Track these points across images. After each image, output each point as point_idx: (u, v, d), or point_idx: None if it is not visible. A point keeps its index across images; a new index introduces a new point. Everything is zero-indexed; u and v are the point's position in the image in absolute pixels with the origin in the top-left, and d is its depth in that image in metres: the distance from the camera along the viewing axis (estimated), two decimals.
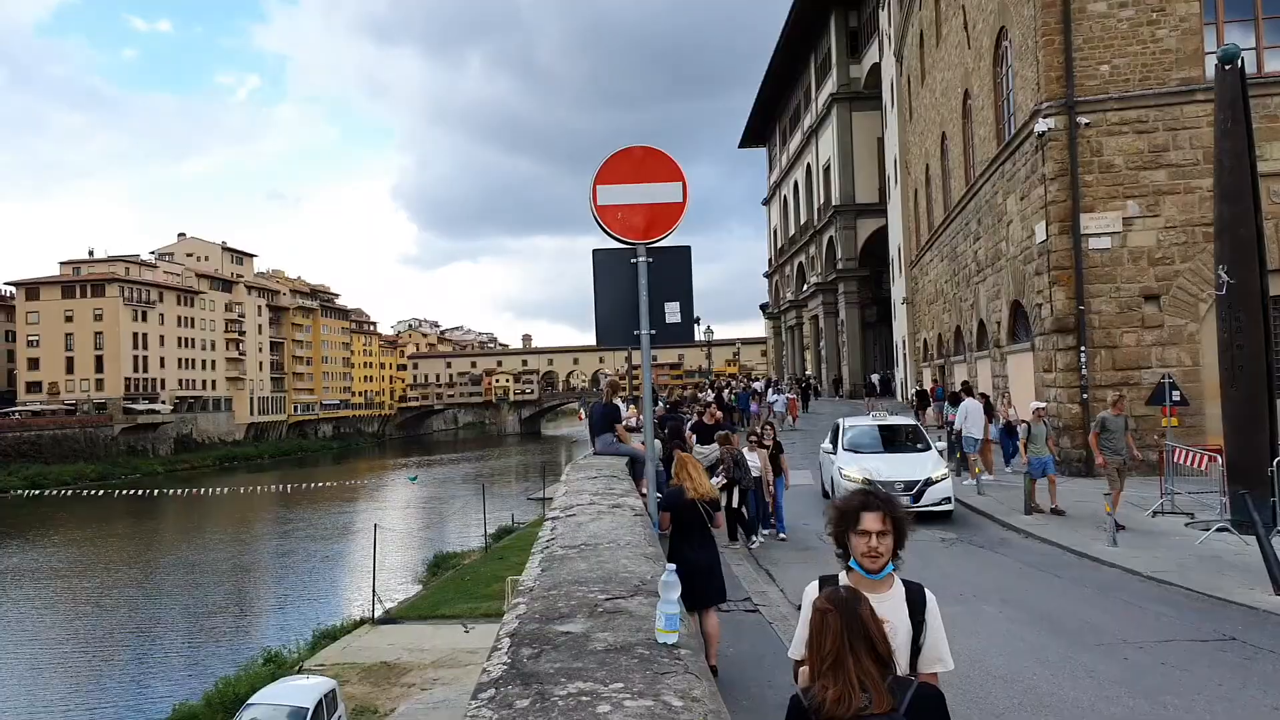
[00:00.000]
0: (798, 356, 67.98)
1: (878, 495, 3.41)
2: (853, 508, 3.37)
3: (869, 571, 3.32)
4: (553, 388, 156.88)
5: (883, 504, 3.35)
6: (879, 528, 3.29)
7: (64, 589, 39.79)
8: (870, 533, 3.29)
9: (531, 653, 2.84)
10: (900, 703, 2.62)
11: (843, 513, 3.40)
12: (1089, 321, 18.12)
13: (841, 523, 3.41)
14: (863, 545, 3.30)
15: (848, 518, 3.36)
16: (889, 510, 3.33)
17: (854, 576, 3.36)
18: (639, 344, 6.64)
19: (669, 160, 6.61)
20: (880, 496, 3.41)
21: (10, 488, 68.18)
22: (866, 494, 3.43)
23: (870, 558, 3.29)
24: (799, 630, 3.42)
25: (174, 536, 53.35)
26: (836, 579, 3.43)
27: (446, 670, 22.43)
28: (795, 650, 3.42)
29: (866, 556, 3.29)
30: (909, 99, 37.94)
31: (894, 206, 44.64)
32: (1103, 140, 18.20)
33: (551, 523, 5.51)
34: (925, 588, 3.36)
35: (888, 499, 3.41)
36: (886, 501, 3.38)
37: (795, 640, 3.44)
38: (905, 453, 15.70)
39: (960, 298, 28.57)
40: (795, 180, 64.66)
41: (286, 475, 76.03)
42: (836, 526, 3.45)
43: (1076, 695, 6.66)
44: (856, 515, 3.32)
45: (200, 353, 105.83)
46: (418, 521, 56.43)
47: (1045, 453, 14.38)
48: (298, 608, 35.28)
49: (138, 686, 26.57)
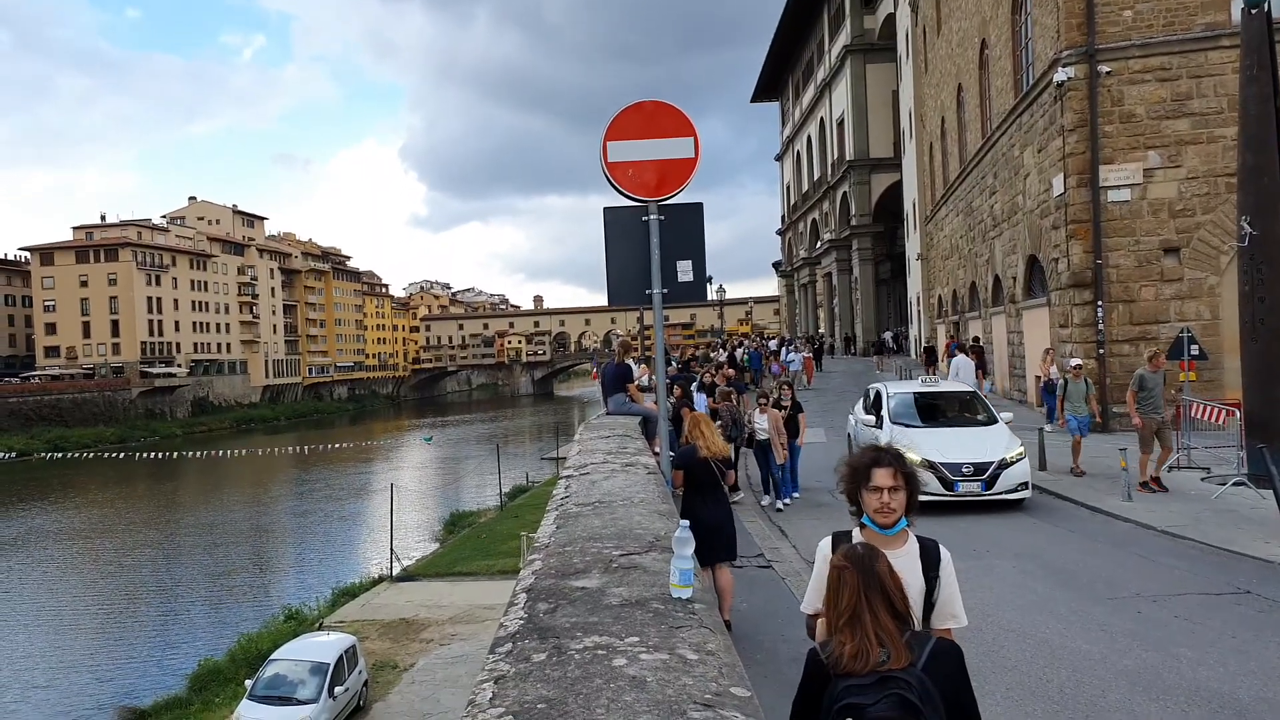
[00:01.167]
0: (811, 314, 67.72)
1: (889, 451, 3.41)
2: (864, 464, 3.38)
3: (882, 527, 3.32)
4: (565, 349, 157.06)
5: (894, 460, 3.36)
6: (891, 483, 3.29)
7: (87, 549, 40.42)
8: (882, 489, 3.30)
9: (548, 607, 2.85)
10: (918, 657, 2.62)
11: (854, 469, 3.40)
12: (1107, 275, 17.92)
13: (853, 479, 3.41)
14: (875, 501, 3.31)
15: (859, 474, 3.37)
16: (900, 466, 3.34)
17: (867, 533, 3.36)
18: (651, 303, 6.60)
19: (680, 115, 6.50)
20: (892, 452, 3.40)
21: (33, 450, 69.11)
22: (878, 449, 3.43)
23: (882, 513, 3.30)
24: (811, 585, 3.44)
25: (193, 498, 54.00)
26: (850, 535, 3.44)
27: (464, 626, 22.73)
28: (808, 604, 3.44)
29: (879, 512, 3.30)
30: (924, 50, 37.28)
31: (909, 161, 44.10)
32: (1124, 89, 17.86)
33: (566, 481, 5.53)
34: (939, 543, 3.35)
35: (899, 454, 3.41)
36: (898, 457, 3.38)
37: (808, 595, 3.46)
38: (966, 426, 13.24)
39: (976, 253, 28.30)
40: (809, 135, 63.90)
41: (303, 437, 76.72)
42: (848, 483, 3.46)
43: (1089, 648, 6.68)
44: (868, 471, 3.33)
45: (214, 316, 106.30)
46: (434, 481, 56.94)
47: (1084, 411, 13.79)
48: (317, 566, 35.75)
49: (163, 643, 27.06)
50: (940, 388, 14.99)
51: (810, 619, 3.43)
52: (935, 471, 11.58)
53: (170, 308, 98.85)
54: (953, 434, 12.83)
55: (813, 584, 3.45)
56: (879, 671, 2.57)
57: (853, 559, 2.76)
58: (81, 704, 22.38)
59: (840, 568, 2.76)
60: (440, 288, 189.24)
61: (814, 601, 3.42)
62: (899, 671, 2.57)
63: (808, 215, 65.12)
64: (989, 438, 12.48)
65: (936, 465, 11.70)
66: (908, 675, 2.56)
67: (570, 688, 2.22)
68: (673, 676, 2.27)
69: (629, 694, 2.17)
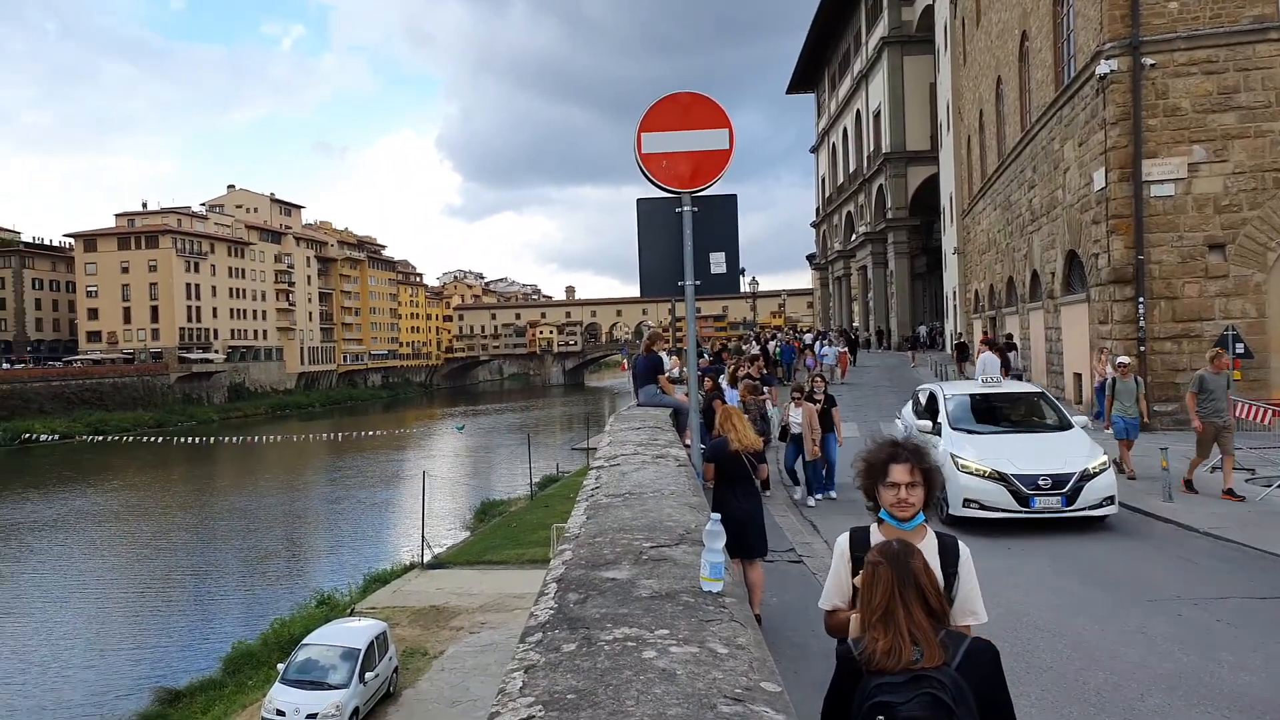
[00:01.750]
0: (845, 308, 67.26)
1: (906, 446, 3.36)
2: (880, 460, 3.35)
3: (899, 521, 3.30)
4: (596, 339, 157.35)
5: (911, 455, 3.32)
6: (908, 479, 3.27)
7: (125, 532, 41.18)
8: (899, 484, 3.27)
9: (578, 598, 2.84)
10: (952, 657, 2.58)
11: (870, 465, 3.38)
12: (1149, 271, 17.60)
13: (870, 475, 3.39)
14: (891, 497, 3.29)
15: (875, 470, 3.34)
16: (918, 461, 3.30)
17: (885, 528, 3.35)
18: (683, 295, 6.56)
19: (715, 106, 6.45)
20: (909, 447, 3.35)
21: (75, 433, 70.55)
22: (895, 444, 3.38)
23: (900, 508, 3.28)
24: (829, 580, 3.42)
25: (228, 482, 54.83)
26: (868, 531, 3.41)
27: (494, 614, 22.88)
28: (825, 600, 3.41)
29: (895, 507, 3.28)
30: (963, 42, 36.79)
31: (946, 154, 43.60)
32: (1169, 82, 17.50)
33: (596, 472, 5.51)
34: (959, 538, 3.32)
35: (916, 449, 3.36)
36: (915, 452, 3.34)
37: (825, 591, 3.43)
38: (1037, 432, 11.88)
39: (1013, 247, 27.92)
40: (844, 127, 63.37)
41: (337, 424, 77.58)
42: (865, 479, 3.43)
43: (1126, 650, 6.56)
44: (885, 467, 3.31)
45: (251, 303, 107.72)
46: (465, 470, 57.38)
47: (1134, 412, 13.14)
48: (349, 552, 36.16)
49: (197, 625, 27.52)
50: (1004, 388, 13.40)
51: (828, 615, 3.41)
52: (1007, 485, 10.34)
53: (208, 294, 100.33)
54: (1025, 441, 11.43)
55: (830, 580, 3.43)
56: (912, 670, 2.53)
57: (887, 554, 2.72)
58: (119, 683, 22.84)
59: (874, 563, 2.73)
60: (474, 277, 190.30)
61: (831, 597, 3.39)
62: (932, 671, 2.52)
63: (843, 208, 64.62)
64: (1067, 445, 11.18)
65: (1009, 478, 10.34)
66: (941, 675, 2.52)
67: (600, 679, 2.20)
68: (703, 670, 2.25)
69: (658, 686, 2.15)
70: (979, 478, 10.48)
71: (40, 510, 45.33)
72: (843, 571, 3.37)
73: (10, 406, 73.90)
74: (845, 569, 3.36)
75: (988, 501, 10.39)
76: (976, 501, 10.43)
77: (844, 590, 3.36)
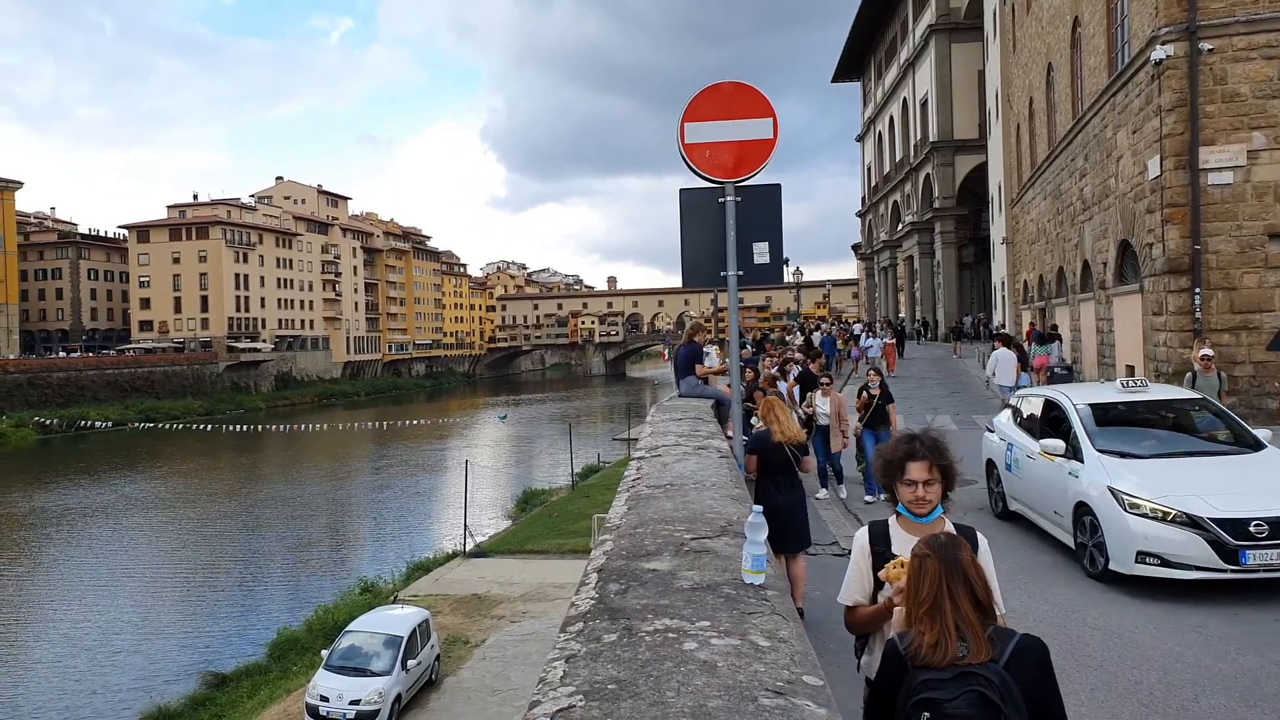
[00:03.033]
0: (891, 299, 66.54)
1: (924, 442, 3.32)
2: (898, 457, 3.33)
3: (917, 516, 3.28)
4: (637, 330, 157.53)
5: (929, 451, 3.29)
6: (925, 476, 3.25)
7: (173, 518, 42.08)
8: (916, 482, 3.26)
9: (619, 588, 2.83)
10: (1000, 653, 2.53)
11: (888, 463, 3.36)
12: (1205, 261, 17.13)
13: (887, 473, 3.38)
14: (909, 494, 3.28)
15: (893, 467, 3.33)
16: (936, 458, 3.27)
17: (903, 521, 3.35)
18: (726, 285, 6.52)
19: (759, 95, 6.40)
20: (926, 443, 3.31)
21: (127, 420, 72.30)
22: (912, 440, 3.34)
23: (917, 505, 3.28)
24: (848, 576, 3.40)
25: (275, 470, 55.80)
26: (885, 524, 3.40)
27: (535, 604, 23.04)
28: (845, 595, 3.39)
29: (913, 504, 3.28)
30: (1012, 28, 36.12)
31: (994, 142, 42.89)
32: (1227, 67, 17.00)
33: (637, 462, 5.50)
34: (977, 530, 3.29)
35: (934, 445, 3.32)
36: (932, 449, 3.30)
37: (845, 585, 3.42)
38: (1215, 455, 8.92)
39: (1064, 237, 27.41)
40: (890, 115, 62.60)
41: (382, 412, 78.58)
42: (883, 476, 3.41)
43: (1181, 650, 6.40)
44: (902, 465, 3.29)
45: (298, 293, 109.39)
46: (507, 459, 57.81)
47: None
48: (392, 540, 36.62)
49: (244, 611, 28.02)
50: (1151, 394, 10.11)
51: (848, 611, 3.38)
52: (1203, 533, 7.40)
53: (257, 285, 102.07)
54: (1210, 469, 8.47)
55: (849, 574, 3.41)
56: (958, 666, 2.49)
57: (935, 547, 2.68)
58: (167, 667, 23.35)
59: (922, 556, 2.69)
60: (516, 268, 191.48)
61: (852, 593, 3.36)
62: (979, 667, 2.48)
63: (889, 197, 63.89)
64: (1270, 474, 8.37)
65: (1204, 523, 7.41)
66: (988, 672, 2.47)
67: (641, 669, 2.19)
68: (744, 662, 2.24)
69: (699, 678, 2.13)
70: (1159, 522, 7.60)
71: (92, 496, 46.52)
72: (863, 566, 3.36)
73: (67, 394, 75.96)
74: (865, 563, 3.35)
75: (1176, 556, 7.47)
76: (1158, 556, 7.55)
77: (865, 585, 3.34)
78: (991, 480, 11.10)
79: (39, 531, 38.99)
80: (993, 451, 11.08)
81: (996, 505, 10.84)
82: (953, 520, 3.30)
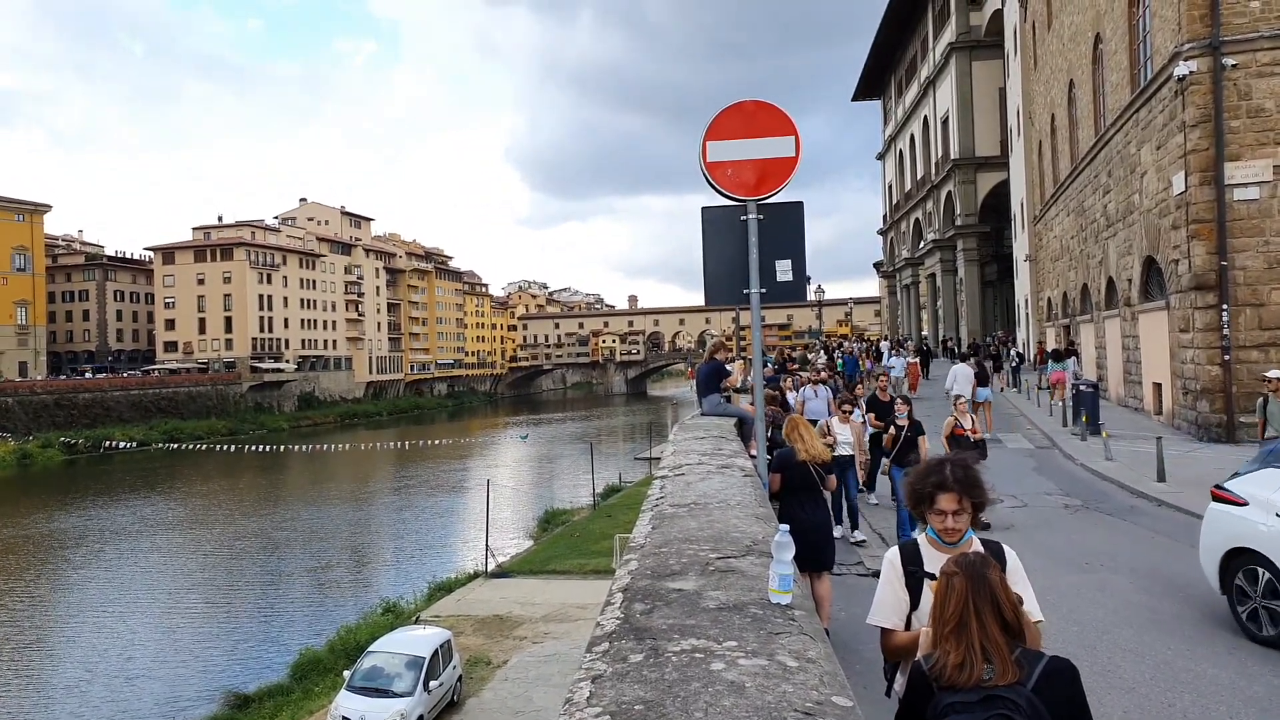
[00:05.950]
0: (913, 316, 66.24)
1: (954, 473, 3.27)
2: (927, 490, 3.29)
3: (946, 542, 3.26)
4: (658, 348, 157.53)
5: (959, 485, 3.24)
6: (955, 508, 3.22)
7: (195, 539, 42.24)
8: (946, 513, 3.23)
9: (644, 608, 2.80)
10: (1027, 676, 2.48)
11: (917, 493, 3.33)
12: (1232, 278, 16.96)
13: (916, 502, 3.36)
14: (938, 524, 3.26)
15: (922, 499, 3.31)
16: (967, 492, 3.23)
17: (932, 541, 3.32)
18: (748, 303, 6.51)
19: (781, 114, 6.40)
20: (957, 476, 3.26)
21: (151, 441, 72.93)
22: (942, 470, 3.29)
23: (947, 534, 3.26)
24: (878, 595, 3.36)
25: (298, 490, 56.03)
26: (916, 544, 3.36)
27: (557, 624, 22.94)
28: (877, 615, 3.35)
29: (942, 534, 3.27)
30: (1033, 45, 36.06)
31: (1016, 159, 42.73)
32: (1251, 83, 16.89)
33: (660, 481, 5.48)
34: (1004, 545, 3.27)
35: (965, 478, 3.26)
36: (963, 482, 3.25)
37: (876, 604, 3.37)
38: None
39: (1088, 254, 27.20)
40: (912, 133, 62.54)
41: (404, 432, 78.88)
42: (912, 504, 3.38)
43: (1215, 672, 6.29)
44: (932, 497, 3.26)
45: (321, 314, 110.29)
46: (528, 478, 57.80)
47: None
48: (414, 560, 36.60)
49: (266, 632, 28.02)
50: None
51: (884, 635, 3.34)
52: None
53: (280, 305, 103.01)
54: None
55: (881, 593, 3.36)
56: (984, 688, 2.45)
57: (963, 565, 2.65)
58: (188, 688, 23.35)
59: (949, 574, 2.65)
60: (537, 287, 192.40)
61: (887, 613, 3.31)
62: (1006, 690, 2.44)
63: (910, 215, 63.74)
64: None
65: None
66: (1016, 695, 2.43)
67: (668, 690, 2.17)
68: (772, 683, 2.21)
69: (727, 698, 2.11)
70: None
71: (115, 517, 46.81)
72: (895, 584, 3.31)
73: (93, 415, 76.79)
74: (899, 582, 3.30)
75: None
76: None
77: (900, 605, 3.28)
78: (1248, 581, 6.88)
79: (61, 553, 39.24)
80: (1247, 536, 6.97)
81: (1261, 627, 6.76)
82: (981, 538, 3.27)
